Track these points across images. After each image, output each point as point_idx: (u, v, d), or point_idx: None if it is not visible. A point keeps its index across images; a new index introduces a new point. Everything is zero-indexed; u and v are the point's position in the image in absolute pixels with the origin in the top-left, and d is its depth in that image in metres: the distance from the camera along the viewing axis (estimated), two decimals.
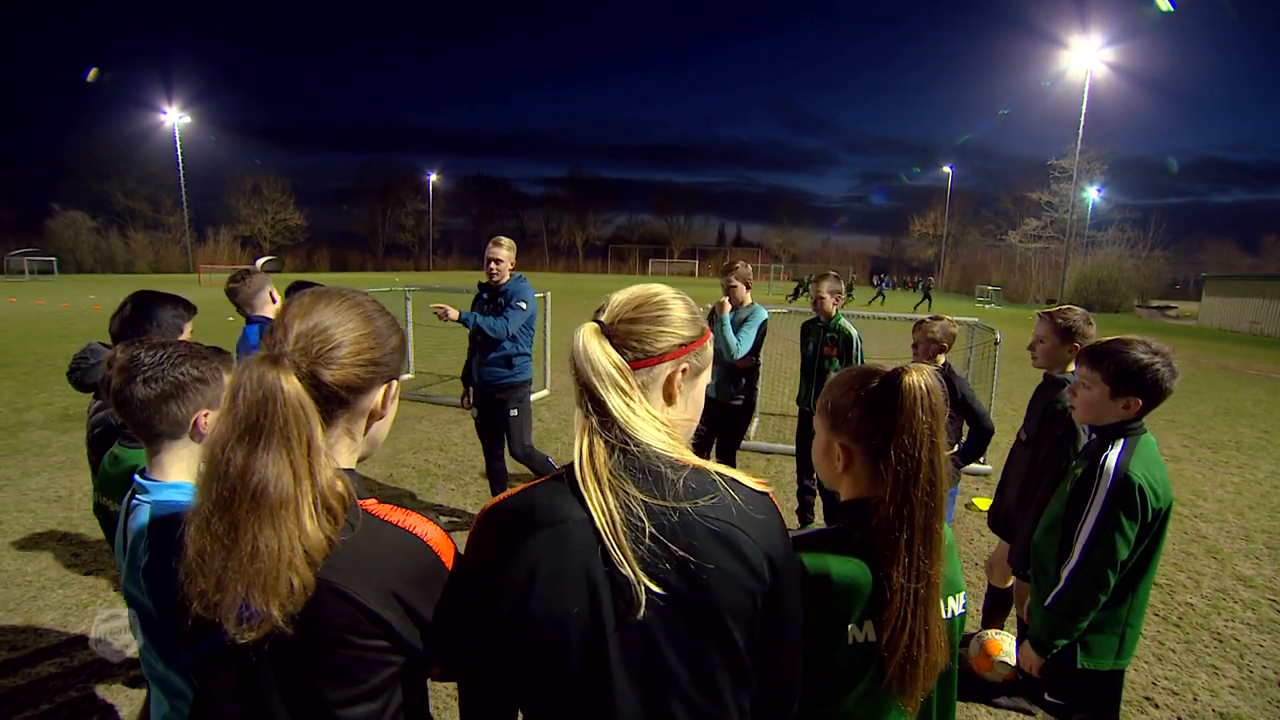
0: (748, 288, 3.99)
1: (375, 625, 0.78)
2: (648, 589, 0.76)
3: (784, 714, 0.93)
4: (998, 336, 5.87)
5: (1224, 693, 2.82)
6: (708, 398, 4.18)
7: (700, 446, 4.29)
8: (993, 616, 2.98)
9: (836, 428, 1.07)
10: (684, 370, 0.90)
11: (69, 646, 2.83)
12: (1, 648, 2.80)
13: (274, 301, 3.26)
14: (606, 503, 0.77)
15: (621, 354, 0.84)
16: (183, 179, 50.37)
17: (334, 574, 0.77)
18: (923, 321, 3.55)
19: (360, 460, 0.94)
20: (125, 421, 1.42)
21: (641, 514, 0.78)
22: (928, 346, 3.46)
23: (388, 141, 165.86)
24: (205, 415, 1.56)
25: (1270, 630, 3.36)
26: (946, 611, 1.05)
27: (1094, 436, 1.89)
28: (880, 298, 33.02)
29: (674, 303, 0.91)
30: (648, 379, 0.87)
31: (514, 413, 3.96)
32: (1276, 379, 12.75)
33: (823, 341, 4.04)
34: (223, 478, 0.73)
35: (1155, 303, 39.36)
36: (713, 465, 0.86)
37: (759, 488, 0.87)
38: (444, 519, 4.35)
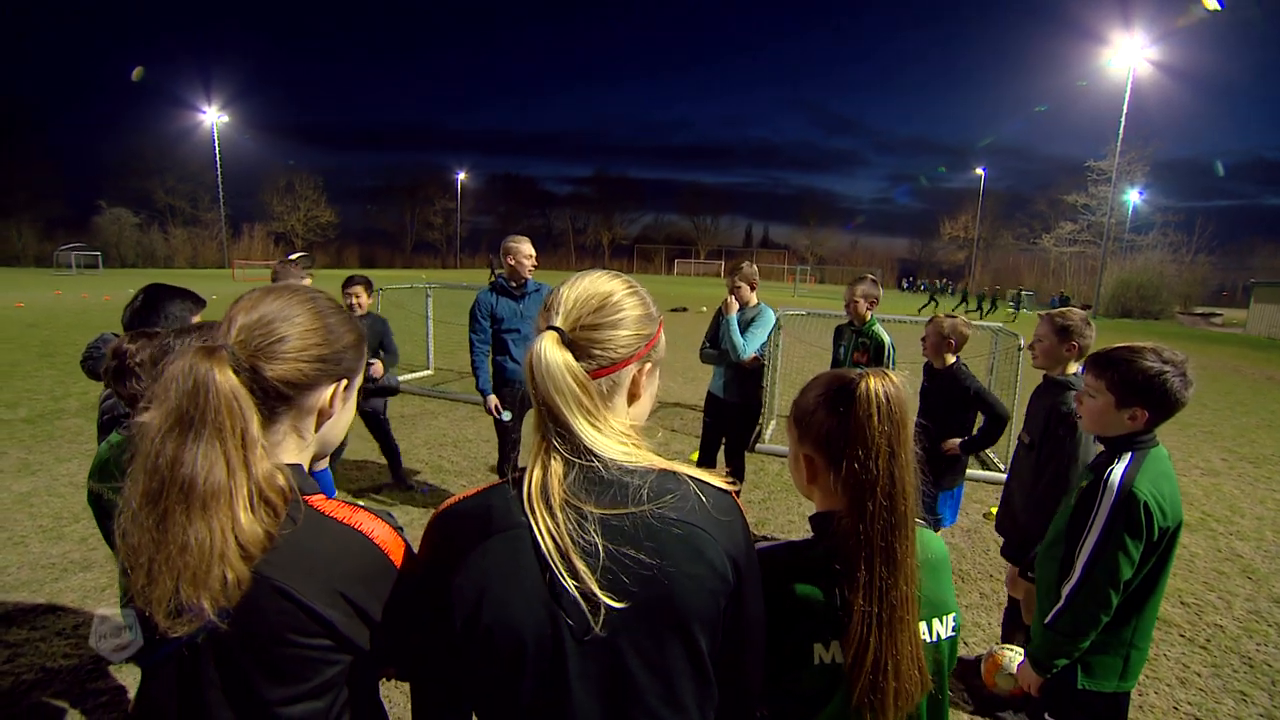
0: (753, 288, 3.97)
1: (317, 624, 0.76)
2: (607, 605, 0.73)
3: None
4: (1021, 343, 5.70)
5: None
6: (715, 397, 4.21)
7: (708, 446, 4.27)
8: (1011, 631, 2.89)
9: (802, 436, 1.03)
10: (646, 368, 0.88)
11: (85, 628, 2.91)
12: (22, 626, 2.90)
13: None
14: (557, 524, 0.74)
15: (583, 363, 0.80)
16: (220, 177, 51.93)
17: (273, 570, 0.75)
18: (935, 318, 3.53)
19: (316, 460, 0.93)
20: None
21: (596, 530, 0.75)
22: (937, 343, 3.43)
23: (417, 140, 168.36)
24: None
25: None
26: (931, 634, 0.99)
27: (1102, 448, 1.81)
28: (933, 302, 31.78)
29: (630, 299, 0.87)
30: (611, 385, 0.83)
31: None
32: None
33: (854, 347, 3.94)
34: (152, 470, 0.72)
35: (1199, 309, 37.95)
36: (679, 466, 0.83)
37: (724, 486, 0.84)
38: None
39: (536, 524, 0.74)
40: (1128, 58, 34.40)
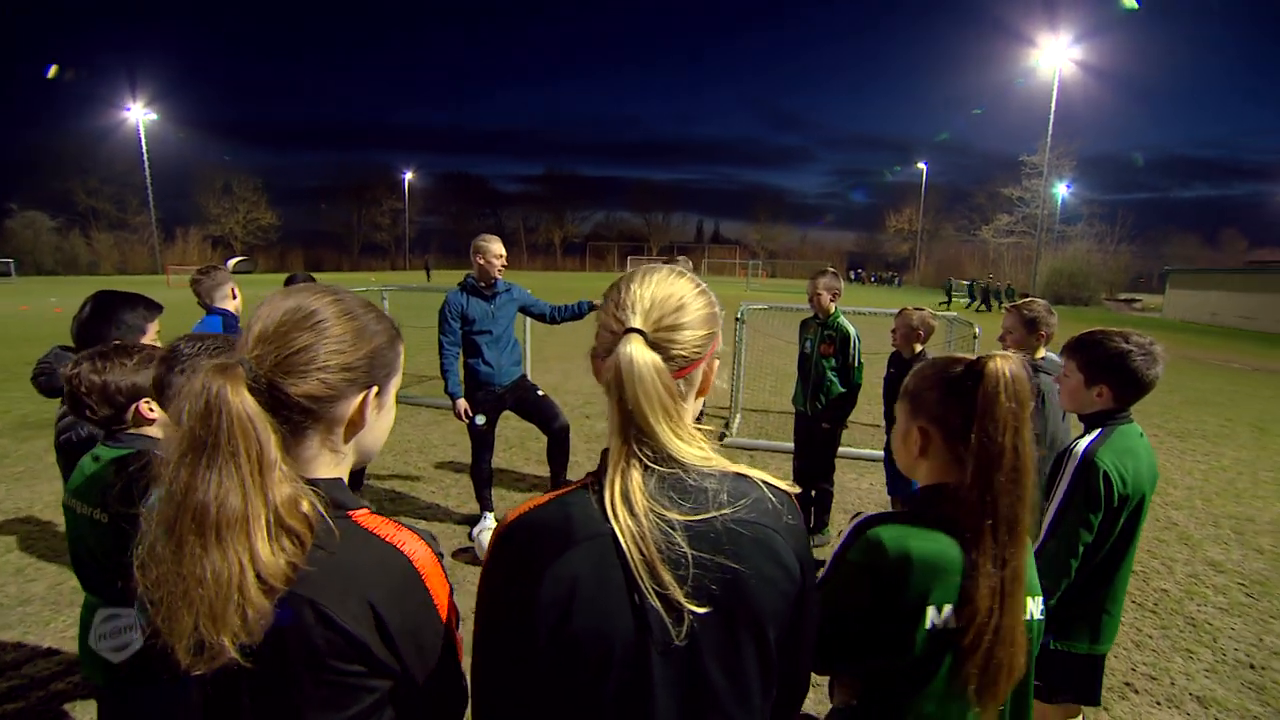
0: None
1: (352, 648, 0.72)
2: (692, 612, 0.73)
3: (793, 715, 0.91)
4: (976, 331, 5.95)
5: (1199, 676, 2.88)
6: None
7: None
8: None
9: (916, 411, 1.09)
10: (715, 365, 0.88)
11: (28, 661, 2.71)
12: None
13: (234, 297, 3.42)
14: (642, 532, 0.73)
15: (666, 364, 0.78)
16: (149, 177, 49.03)
17: (310, 589, 0.71)
18: (904, 310, 3.69)
19: (355, 469, 0.88)
20: (162, 407, 1.42)
21: (682, 538, 0.74)
22: (907, 334, 3.59)
23: (363, 139, 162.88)
24: (148, 403, 1.54)
25: (1240, 614, 3.45)
26: (1025, 612, 1.03)
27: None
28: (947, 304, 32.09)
29: (700, 297, 0.85)
30: (687, 385, 0.83)
31: (541, 392, 4.01)
32: (1236, 368, 13.16)
33: (820, 340, 4.01)
34: (168, 497, 0.68)
35: (1122, 296, 40.43)
36: (745, 468, 0.83)
37: (786, 488, 0.85)
38: (424, 523, 4.28)
39: (621, 533, 0.72)
40: (1054, 58, 36.31)
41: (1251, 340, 20.13)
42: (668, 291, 0.82)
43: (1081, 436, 1.79)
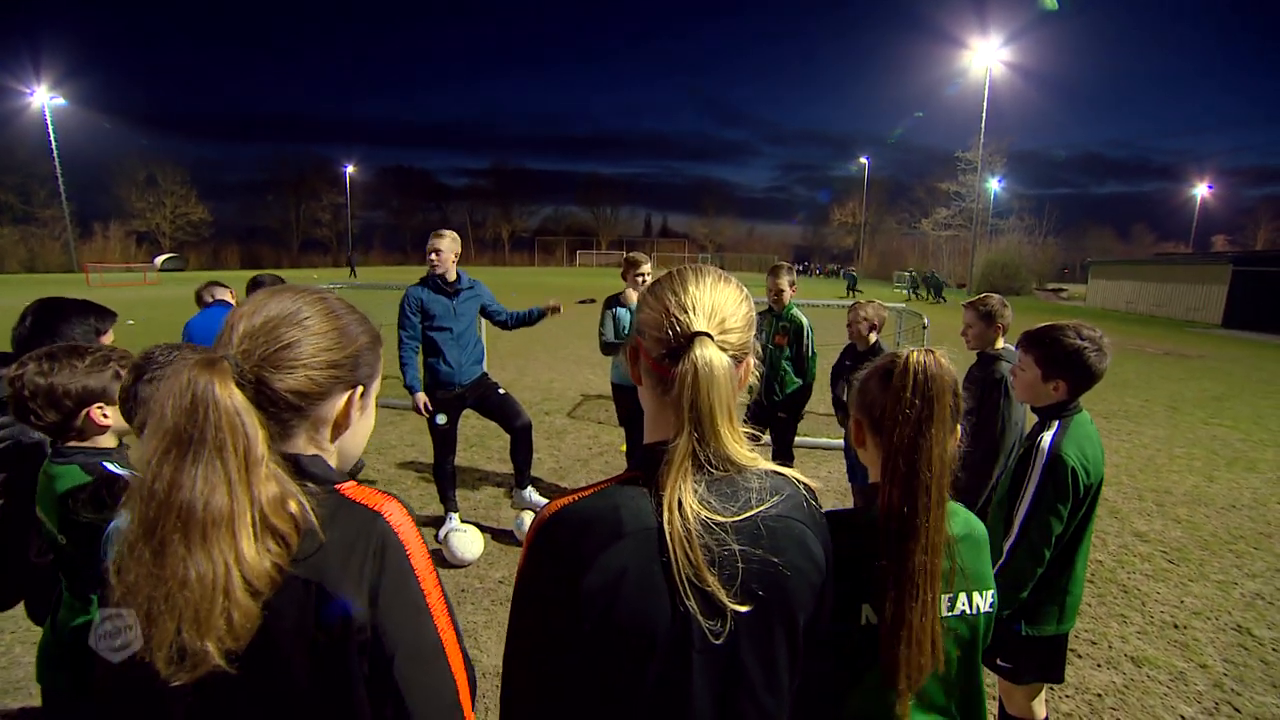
0: (873, 328, 4.08)
1: (351, 625, 0.70)
2: (735, 612, 0.75)
3: (808, 697, 0.94)
4: (925, 321, 6.21)
5: (1132, 638, 3.12)
6: (623, 386, 4.25)
7: (636, 433, 4.34)
8: None
9: (858, 402, 1.11)
10: (752, 361, 0.89)
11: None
12: None
13: (232, 295, 3.62)
14: (689, 533, 0.74)
15: None
16: (58, 167, 45.43)
17: (319, 574, 0.70)
18: (857, 304, 3.86)
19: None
20: (126, 419, 1.33)
21: (731, 539, 0.76)
22: (861, 326, 3.76)
23: (299, 131, 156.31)
24: (100, 409, 1.46)
25: (1163, 579, 3.75)
26: (971, 607, 1.06)
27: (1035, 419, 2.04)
28: (856, 291, 33.20)
29: (747, 298, 0.88)
30: (737, 384, 0.85)
31: (502, 390, 3.99)
32: (1150, 353, 14.18)
33: (775, 331, 4.16)
34: (149, 496, 0.65)
35: (1050, 285, 42.83)
36: (780, 467, 0.86)
37: (808, 482, 0.89)
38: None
39: (671, 534, 0.74)
40: (985, 58, 38.02)
41: (1162, 326, 21.75)
42: (725, 294, 0.85)
43: (1043, 430, 1.89)
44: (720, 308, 0.83)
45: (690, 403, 0.76)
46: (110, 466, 1.42)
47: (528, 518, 3.93)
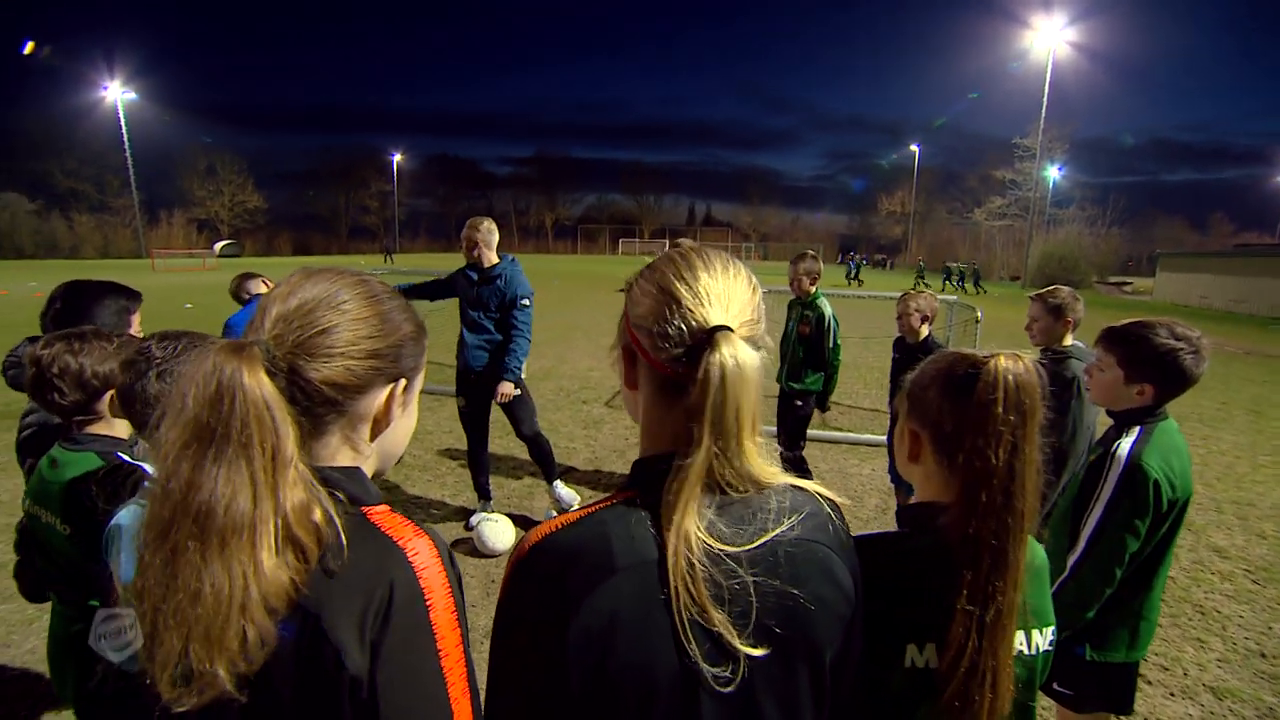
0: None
1: (343, 669, 0.61)
2: (749, 655, 0.63)
3: None
4: (979, 315, 5.88)
5: (1211, 666, 2.85)
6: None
7: None
8: None
9: (911, 409, 0.96)
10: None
11: (6, 668, 2.61)
12: None
13: (266, 285, 3.55)
14: (693, 566, 0.62)
15: None
16: (130, 158, 47.74)
17: (320, 604, 0.62)
18: (907, 294, 3.68)
19: (375, 476, 0.78)
20: (130, 419, 1.28)
21: (743, 570, 0.64)
22: (912, 318, 3.59)
23: (350, 121, 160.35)
24: (111, 395, 1.42)
25: (1248, 600, 3.43)
26: (1030, 646, 0.93)
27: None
28: (857, 280, 32.75)
29: (750, 274, 0.76)
30: None
31: (518, 391, 3.86)
32: (1229, 352, 13.22)
33: (799, 319, 4.12)
34: (163, 496, 0.58)
35: (1112, 279, 40.62)
36: (797, 478, 0.74)
37: (835, 498, 0.77)
38: (419, 511, 4.18)
39: (673, 568, 0.62)
40: (1048, 39, 36.04)
41: (1242, 324, 20.26)
42: (739, 281, 0.73)
43: (1121, 436, 1.69)
44: (737, 296, 0.72)
45: (716, 410, 0.63)
46: (125, 457, 1.38)
47: (554, 513, 3.87)
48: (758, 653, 0.64)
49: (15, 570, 1.63)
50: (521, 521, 3.99)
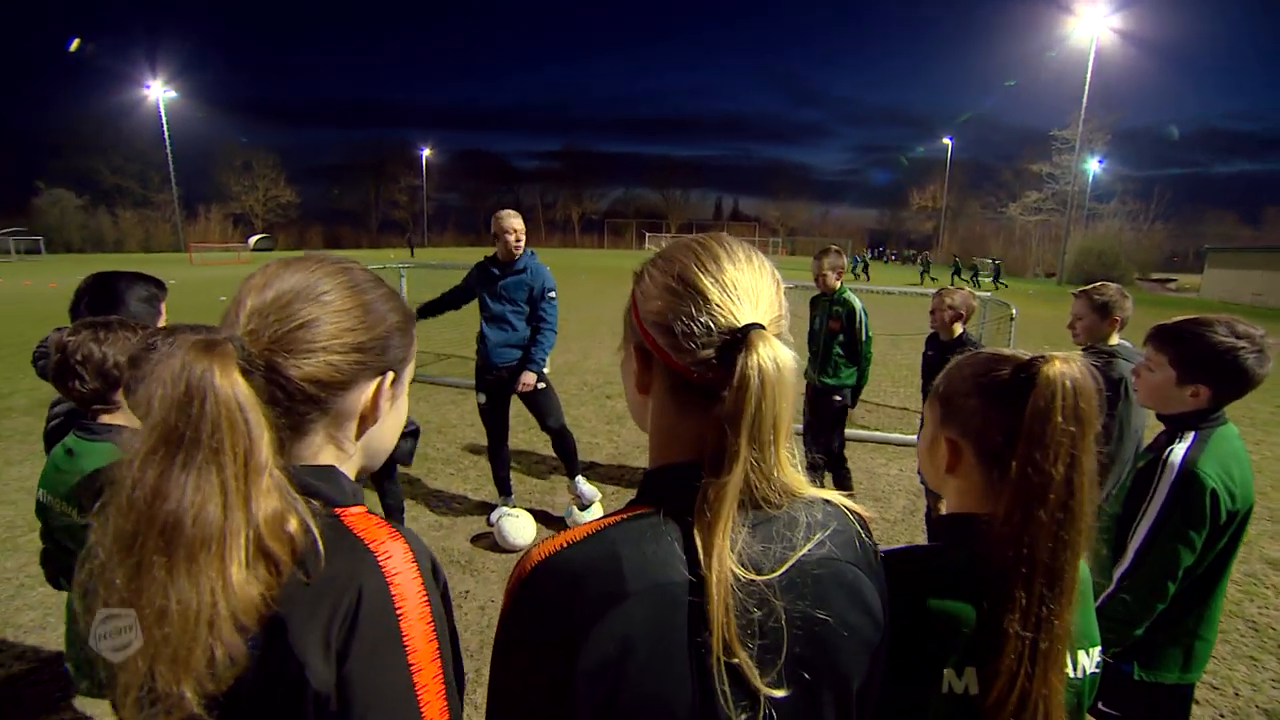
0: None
1: (300, 682, 0.56)
2: (770, 697, 0.58)
3: None
4: (1013, 313, 5.68)
5: (1266, 686, 2.69)
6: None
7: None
8: None
9: (946, 418, 0.88)
10: None
11: (47, 649, 2.67)
12: None
13: None
14: (725, 591, 0.57)
15: None
16: (170, 155, 49.22)
17: (287, 609, 0.57)
18: (943, 290, 3.56)
19: (359, 476, 0.74)
20: (135, 412, 1.27)
21: (775, 592, 0.59)
22: (945, 315, 3.47)
23: (379, 116, 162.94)
24: None
25: None
26: (1077, 670, 0.86)
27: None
28: (864, 274, 32.39)
29: (773, 266, 0.70)
30: None
31: (542, 385, 3.82)
32: None
33: (828, 316, 4.03)
34: (127, 505, 0.54)
35: (1155, 275, 39.17)
36: (824, 491, 0.68)
37: (862, 512, 0.70)
38: (440, 505, 4.19)
39: (716, 597, 0.56)
40: (1091, 26, 34.73)
41: None
42: (764, 274, 0.67)
43: (1173, 442, 1.58)
44: (764, 290, 0.66)
45: (754, 418, 0.57)
46: None
47: (575, 509, 3.85)
48: (779, 694, 0.58)
49: (41, 557, 1.65)
50: (542, 517, 3.97)
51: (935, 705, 0.81)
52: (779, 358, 0.58)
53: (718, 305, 0.62)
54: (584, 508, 3.88)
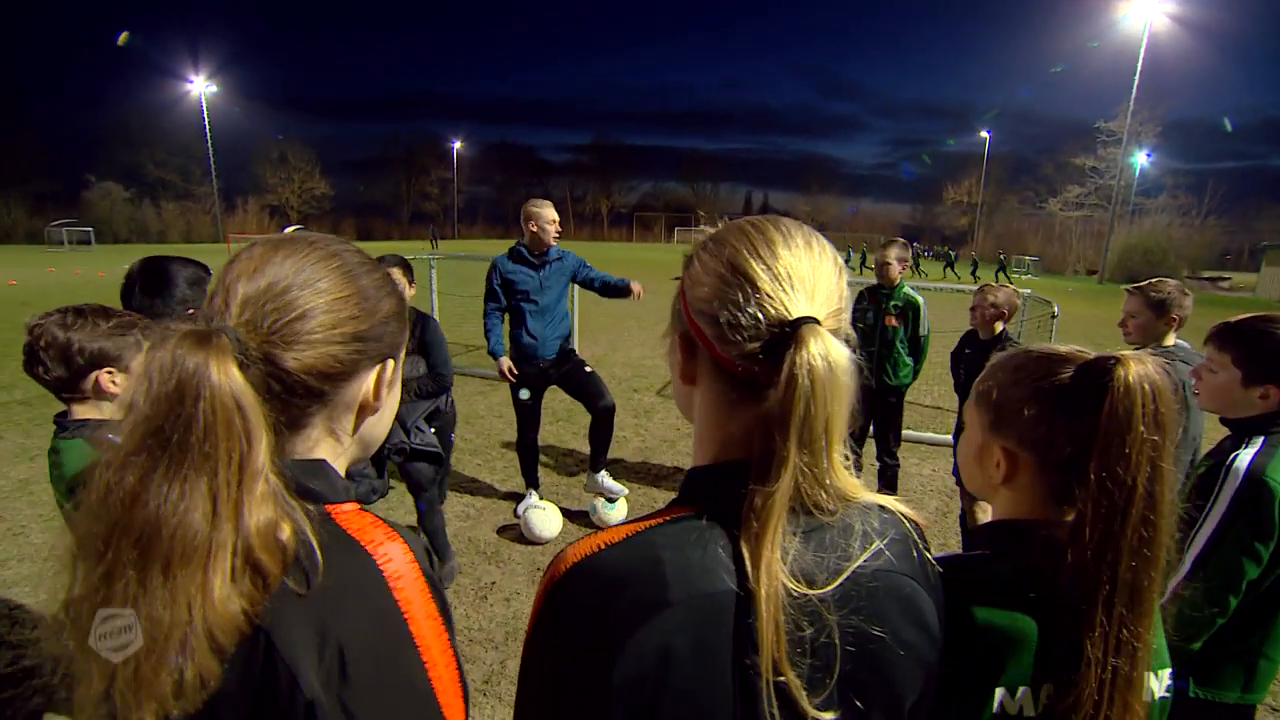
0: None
1: (294, 691, 0.52)
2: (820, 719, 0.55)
3: None
4: (1055, 310, 5.47)
5: None
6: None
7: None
8: None
9: (1000, 426, 0.82)
10: None
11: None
12: (25, 625, 2.74)
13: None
14: (777, 607, 0.53)
15: None
16: (210, 148, 50.63)
17: (272, 618, 0.53)
18: (985, 286, 3.44)
19: (351, 465, 0.71)
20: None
21: (829, 607, 0.55)
22: (987, 313, 3.35)
23: (411, 109, 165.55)
24: (110, 374, 1.38)
25: None
26: (1145, 693, 0.80)
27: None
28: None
29: (835, 253, 0.65)
30: None
31: (588, 369, 3.86)
32: None
33: (885, 311, 3.89)
34: (101, 509, 0.49)
35: (1207, 274, 37.58)
36: (880, 495, 0.64)
37: (917, 518, 0.66)
38: (467, 496, 4.22)
39: (765, 614, 0.52)
40: (1143, 12, 33.31)
41: None
42: (824, 262, 0.62)
43: (1241, 447, 1.48)
44: (823, 279, 0.60)
45: (803, 420, 0.53)
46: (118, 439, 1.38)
47: (600, 503, 3.82)
48: (829, 716, 0.55)
49: None
50: (569, 512, 3.97)
51: None
52: (831, 355, 0.54)
53: (768, 295, 0.57)
54: (611, 501, 3.86)
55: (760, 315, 0.57)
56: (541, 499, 3.95)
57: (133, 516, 0.48)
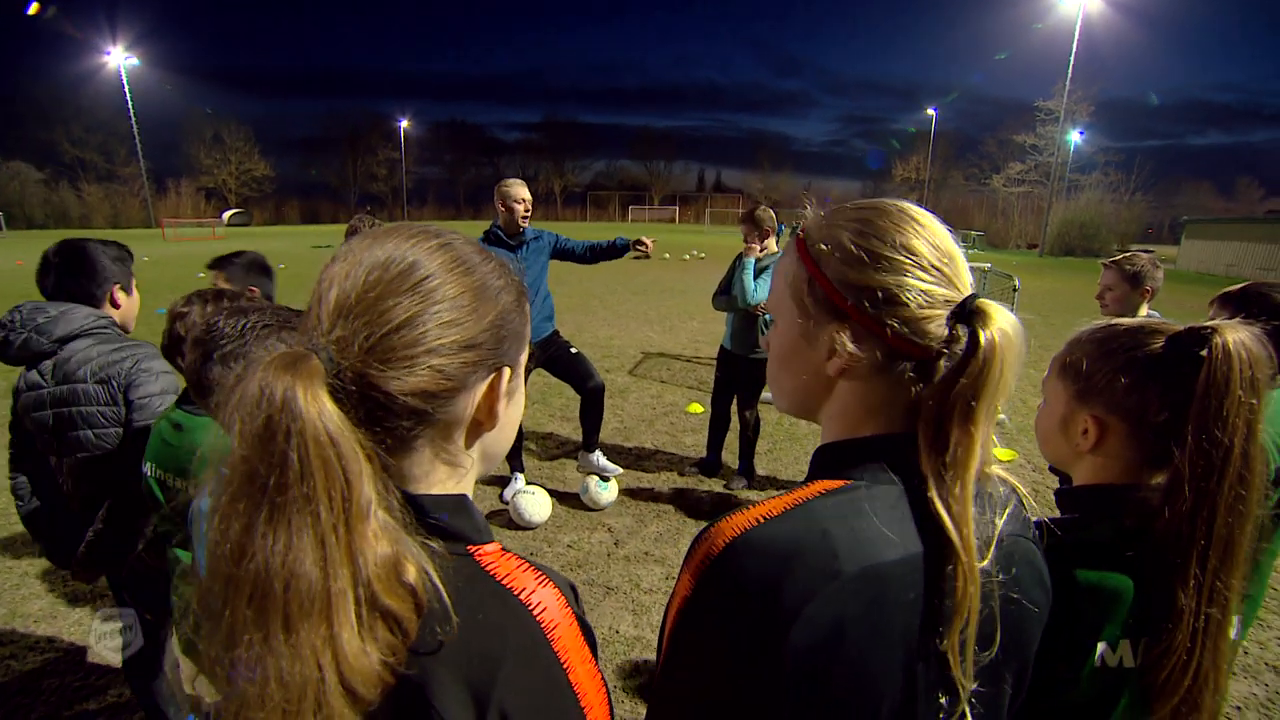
0: (764, 236, 3.92)
1: None
2: (975, 689, 0.58)
3: None
4: (1016, 283, 5.70)
5: (1272, 645, 2.78)
6: (724, 349, 4.07)
7: (719, 399, 4.17)
8: None
9: (1087, 396, 0.86)
10: None
11: (61, 639, 2.61)
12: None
13: None
14: (975, 571, 0.55)
15: None
16: (135, 126, 47.29)
17: (424, 674, 0.50)
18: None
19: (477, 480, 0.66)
20: (198, 402, 1.25)
21: (993, 577, 0.58)
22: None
23: (355, 86, 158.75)
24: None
25: None
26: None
27: None
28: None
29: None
30: None
31: (574, 350, 3.83)
32: None
33: None
34: (214, 564, 0.46)
35: (1134, 247, 39.76)
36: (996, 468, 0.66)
37: (1015, 482, 0.68)
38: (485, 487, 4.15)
39: (963, 589, 0.55)
40: None
41: None
42: (948, 235, 0.65)
43: None
44: (963, 261, 0.65)
45: (996, 387, 0.56)
46: None
47: (593, 483, 3.80)
48: (972, 686, 0.57)
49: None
50: (555, 494, 3.94)
51: (1088, 678, 0.80)
52: (1010, 330, 0.57)
53: (941, 273, 0.61)
54: (605, 480, 3.84)
55: (926, 297, 0.60)
56: (529, 483, 3.92)
57: (244, 571, 0.44)
